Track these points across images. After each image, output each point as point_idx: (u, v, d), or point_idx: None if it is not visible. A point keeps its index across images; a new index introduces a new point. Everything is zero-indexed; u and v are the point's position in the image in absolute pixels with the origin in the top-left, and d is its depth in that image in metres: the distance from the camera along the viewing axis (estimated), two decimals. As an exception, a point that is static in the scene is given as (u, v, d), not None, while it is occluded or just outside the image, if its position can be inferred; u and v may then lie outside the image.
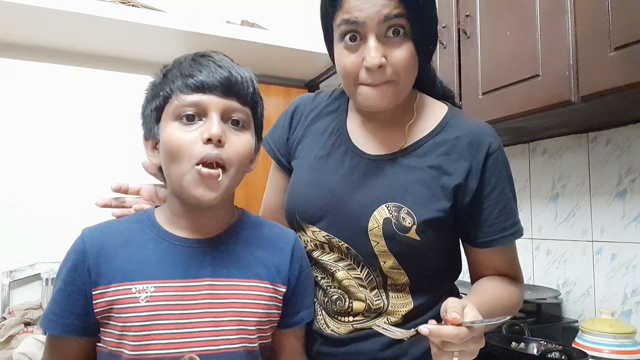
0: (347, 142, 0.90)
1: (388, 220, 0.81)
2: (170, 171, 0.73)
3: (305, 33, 2.20)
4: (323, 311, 0.88)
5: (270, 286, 0.78)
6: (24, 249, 1.99)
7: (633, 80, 0.97)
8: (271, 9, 2.38)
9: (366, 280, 0.84)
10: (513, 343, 1.21)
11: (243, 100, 0.74)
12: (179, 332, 0.70)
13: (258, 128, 0.80)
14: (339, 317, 0.86)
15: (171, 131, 0.71)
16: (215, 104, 0.71)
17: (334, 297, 0.86)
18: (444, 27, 1.49)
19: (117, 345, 0.70)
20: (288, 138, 0.97)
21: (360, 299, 0.84)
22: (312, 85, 2.58)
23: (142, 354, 0.69)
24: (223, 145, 0.71)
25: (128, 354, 0.69)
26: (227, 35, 2.02)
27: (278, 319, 0.79)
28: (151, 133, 0.76)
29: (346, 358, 0.85)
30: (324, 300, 0.87)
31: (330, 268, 0.86)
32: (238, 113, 0.74)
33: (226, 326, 0.73)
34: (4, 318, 1.76)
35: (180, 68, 0.74)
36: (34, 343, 1.56)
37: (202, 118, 0.72)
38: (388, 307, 0.84)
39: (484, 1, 1.38)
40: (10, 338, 1.67)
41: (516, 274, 0.89)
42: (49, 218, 2.03)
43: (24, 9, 1.73)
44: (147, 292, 0.70)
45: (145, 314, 0.69)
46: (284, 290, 0.79)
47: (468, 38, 1.41)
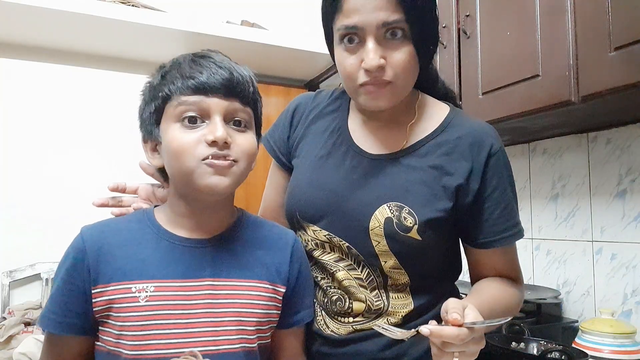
0: (348, 142, 0.90)
1: (389, 219, 0.80)
2: (176, 171, 0.73)
3: (305, 33, 2.20)
4: (323, 312, 0.87)
5: (269, 286, 0.77)
6: (24, 249, 1.99)
7: (633, 80, 0.97)
8: (271, 9, 2.38)
9: (366, 280, 0.84)
10: (513, 343, 1.21)
11: (245, 100, 0.74)
12: (179, 332, 0.70)
13: (258, 127, 0.80)
14: (339, 318, 0.86)
15: (174, 133, 0.71)
16: (217, 106, 0.71)
17: (334, 298, 0.86)
18: (444, 27, 1.49)
19: (116, 344, 0.70)
20: (289, 137, 0.97)
21: (360, 300, 0.84)
22: (312, 85, 2.58)
23: (141, 354, 0.68)
24: (229, 146, 0.71)
25: (127, 354, 0.68)
26: (227, 35, 2.02)
27: (277, 319, 0.79)
28: (151, 135, 0.76)
29: (346, 358, 0.85)
30: (324, 300, 0.87)
31: (330, 268, 0.86)
32: (240, 113, 0.73)
33: (226, 326, 0.72)
34: (4, 318, 1.76)
35: (179, 69, 0.72)
36: (34, 343, 1.56)
37: (205, 120, 0.71)
38: (388, 308, 0.84)
39: (484, 1, 1.38)
40: (10, 338, 1.67)
41: (516, 275, 0.89)
42: (49, 218, 2.03)
43: (24, 9, 1.73)
44: (147, 292, 0.70)
45: (144, 314, 0.69)
46: (284, 290, 0.79)
47: (468, 38, 1.41)
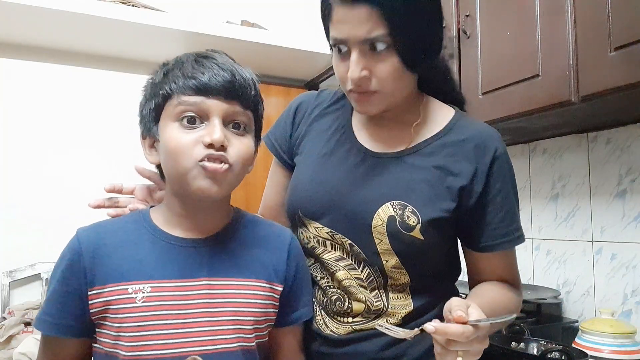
0: (352, 140, 0.90)
1: (392, 218, 0.80)
2: (172, 170, 0.73)
3: (305, 33, 2.19)
4: (322, 311, 0.87)
5: (267, 285, 0.77)
6: (24, 249, 1.99)
7: (633, 80, 0.97)
8: (271, 9, 2.38)
9: (367, 280, 0.84)
10: (513, 343, 1.21)
11: (245, 103, 0.73)
12: (176, 332, 0.70)
13: (258, 130, 0.80)
14: (338, 318, 0.85)
15: (172, 132, 0.71)
16: (217, 108, 0.70)
17: (334, 298, 0.86)
18: (444, 27, 1.48)
19: (113, 346, 0.69)
20: (291, 134, 0.97)
21: (360, 300, 0.84)
22: (312, 85, 2.58)
23: (139, 355, 0.68)
24: (225, 149, 0.70)
25: (124, 355, 0.68)
26: (227, 35, 2.01)
27: (275, 318, 0.79)
28: (149, 132, 0.75)
29: (345, 358, 0.85)
30: (324, 300, 0.87)
31: (330, 267, 0.86)
32: (240, 117, 0.73)
33: (223, 325, 0.72)
34: (4, 318, 1.76)
35: (182, 68, 0.72)
36: (34, 343, 1.56)
37: (204, 121, 0.71)
38: (388, 308, 0.84)
39: (484, 1, 1.38)
40: (10, 338, 1.67)
41: (515, 280, 0.90)
42: (49, 218, 2.03)
43: (24, 9, 1.73)
44: (144, 292, 0.70)
45: (142, 314, 0.69)
46: (281, 289, 0.79)
47: (468, 38, 1.41)
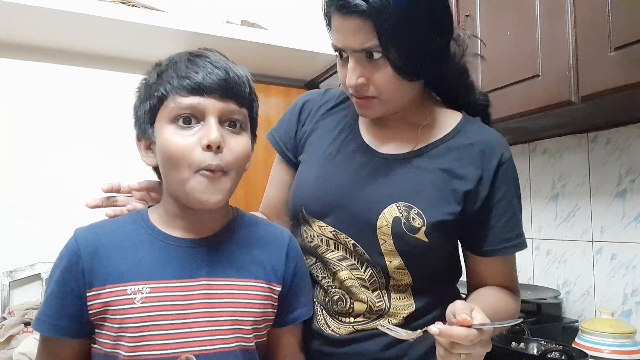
0: (358, 139, 0.90)
1: (397, 219, 0.80)
2: (170, 176, 0.72)
3: (305, 33, 2.19)
4: (324, 311, 0.87)
5: (265, 285, 0.77)
6: (24, 249, 1.99)
7: (633, 80, 0.97)
8: (271, 9, 2.38)
9: (369, 281, 0.84)
10: (513, 343, 1.21)
11: (241, 101, 0.73)
12: (176, 333, 0.70)
13: (254, 127, 0.80)
14: (340, 318, 0.85)
15: (168, 135, 0.70)
16: (213, 108, 0.70)
17: (335, 298, 0.86)
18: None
19: (114, 346, 0.69)
20: (296, 132, 0.96)
21: (361, 300, 0.84)
22: (312, 85, 2.57)
23: (139, 355, 0.68)
24: (222, 150, 0.70)
25: (124, 355, 0.68)
26: (227, 35, 2.01)
27: (274, 318, 0.79)
28: (145, 134, 0.75)
29: (347, 358, 0.85)
30: (325, 300, 0.87)
31: (333, 267, 0.86)
32: (236, 115, 0.73)
33: (222, 326, 0.72)
34: (4, 318, 1.76)
35: (175, 69, 0.72)
36: (34, 343, 1.56)
37: (200, 121, 0.70)
38: (389, 309, 0.84)
39: (484, 1, 1.38)
40: (10, 338, 1.67)
41: (514, 286, 0.90)
42: (49, 218, 2.03)
43: (24, 9, 1.73)
44: (143, 293, 0.70)
45: (141, 315, 0.69)
46: (280, 289, 0.79)
47: (468, 38, 1.41)
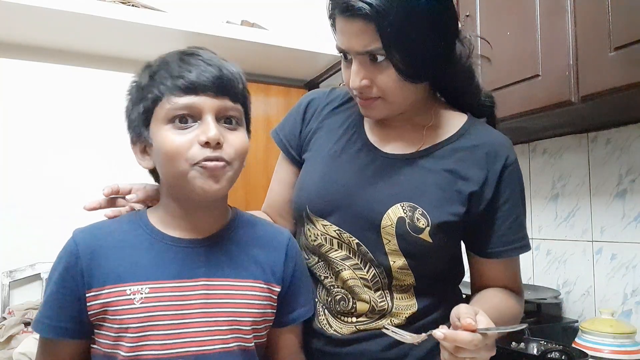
0: (363, 139, 0.90)
1: (402, 219, 0.81)
2: (169, 173, 0.72)
3: (305, 33, 2.19)
4: (326, 311, 0.87)
5: (264, 286, 0.77)
6: (24, 249, 1.99)
7: (633, 80, 0.97)
8: (271, 9, 2.38)
9: (372, 281, 0.84)
10: (513, 343, 1.21)
11: (235, 97, 0.73)
12: (175, 333, 0.70)
13: (248, 123, 0.79)
14: (342, 318, 0.85)
15: (165, 135, 0.70)
16: (209, 105, 0.70)
17: (338, 297, 0.85)
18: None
19: (113, 347, 0.69)
20: (301, 131, 0.96)
21: (364, 300, 0.84)
22: (312, 85, 2.57)
23: (138, 355, 0.68)
24: (222, 146, 0.70)
25: (124, 355, 0.68)
26: (227, 35, 2.01)
27: (273, 318, 0.79)
28: (140, 137, 0.75)
29: (349, 358, 0.85)
30: (327, 300, 0.87)
31: (336, 267, 0.85)
32: (231, 111, 0.73)
33: (221, 326, 0.72)
34: (4, 318, 1.75)
35: (168, 69, 0.71)
36: (34, 343, 1.56)
37: (197, 120, 0.70)
38: (392, 309, 0.84)
39: (484, 1, 1.38)
40: (10, 338, 1.67)
41: (518, 287, 0.90)
42: (49, 218, 2.02)
43: (24, 9, 1.73)
44: (142, 294, 0.70)
45: (140, 316, 0.69)
46: (279, 289, 0.79)
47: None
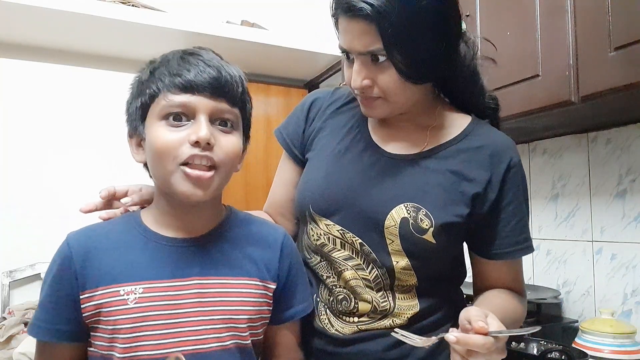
0: (367, 139, 0.90)
1: (405, 220, 0.80)
2: (157, 170, 0.72)
3: (305, 33, 2.20)
4: (328, 310, 0.87)
5: (260, 283, 0.77)
6: (24, 249, 1.99)
7: (633, 80, 0.97)
8: (271, 9, 2.38)
9: (374, 281, 0.84)
10: (513, 343, 1.21)
11: (232, 101, 0.73)
12: (169, 332, 0.70)
13: (246, 128, 0.79)
14: (344, 317, 0.85)
15: (157, 131, 0.70)
16: (203, 106, 0.70)
17: (340, 297, 0.85)
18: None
19: (108, 348, 0.69)
20: (304, 130, 0.96)
21: (366, 300, 0.84)
22: (312, 85, 2.58)
23: (133, 355, 0.68)
24: (212, 147, 0.70)
25: (119, 356, 0.68)
26: (227, 35, 2.02)
27: (269, 316, 0.79)
28: (136, 131, 0.75)
29: (350, 358, 0.84)
30: (329, 299, 0.87)
31: (338, 266, 0.85)
32: (227, 114, 0.72)
33: (216, 324, 0.72)
34: (4, 318, 1.76)
35: (168, 66, 0.71)
36: (34, 343, 1.56)
37: (190, 119, 0.70)
38: (394, 309, 0.84)
39: (484, 1, 1.37)
40: (10, 338, 1.67)
41: (520, 289, 0.90)
42: (49, 218, 2.03)
43: (24, 9, 1.73)
44: (136, 294, 0.70)
45: (134, 316, 0.69)
46: (274, 287, 0.79)
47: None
